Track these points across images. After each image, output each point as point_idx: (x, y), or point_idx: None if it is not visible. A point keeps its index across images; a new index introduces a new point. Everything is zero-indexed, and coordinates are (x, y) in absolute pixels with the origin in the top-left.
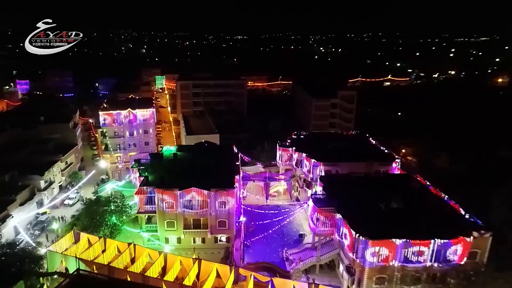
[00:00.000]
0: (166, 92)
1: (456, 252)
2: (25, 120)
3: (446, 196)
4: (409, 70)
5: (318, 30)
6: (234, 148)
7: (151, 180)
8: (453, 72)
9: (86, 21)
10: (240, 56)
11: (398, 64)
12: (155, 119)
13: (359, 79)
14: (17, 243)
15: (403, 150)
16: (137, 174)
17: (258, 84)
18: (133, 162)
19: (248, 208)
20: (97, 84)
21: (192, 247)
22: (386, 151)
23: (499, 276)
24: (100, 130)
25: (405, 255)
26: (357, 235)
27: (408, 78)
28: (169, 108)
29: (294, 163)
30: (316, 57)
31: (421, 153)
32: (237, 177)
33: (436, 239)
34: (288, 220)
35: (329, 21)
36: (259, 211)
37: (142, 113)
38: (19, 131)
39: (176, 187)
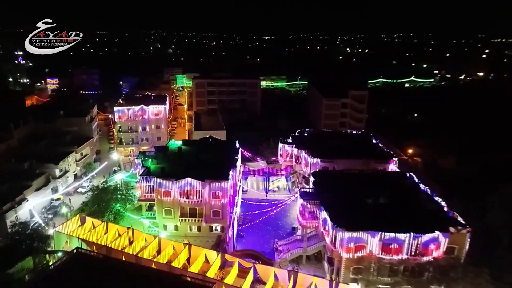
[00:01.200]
0: (186, 90)
1: (432, 246)
2: (47, 114)
3: (434, 194)
4: (435, 72)
5: (347, 30)
6: (237, 143)
7: (152, 171)
8: (481, 74)
9: (118, 22)
10: (263, 56)
11: (425, 65)
12: (167, 115)
13: (380, 80)
14: (31, 224)
15: (410, 151)
16: (140, 165)
17: (277, 84)
18: (138, 154)
19: (242, 200)
20: (121, 82)
21: (187, 234)
22: (386, 150)
23: (470, 271)
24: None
25: (381, 247)
26: (335, 226)
27: (432, 80)
28: (185, 106)
29: (294, 159)
30: (340, 57)
31: (428, 154)
32: (233, 170)
33: (410, 232)
34: (283, 213)
35: (358, 21)
36: (251, 202)
37: (154, 110)
38: (41, 124)
39: (173, 177)
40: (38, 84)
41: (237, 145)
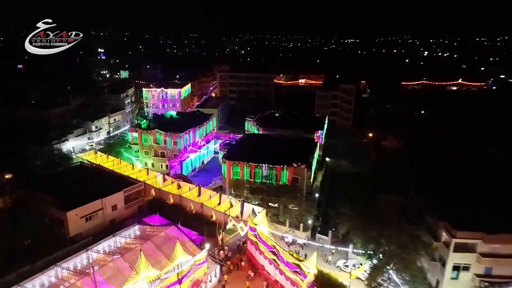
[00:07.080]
0: None
1: (284, 175)
2: (97, 91)
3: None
4: (501, 76)
5: (444, 33)
6: (214, 116)
7: (142, 126)
8: None
9: (205, 26)
10: (326, 57)
11: (492, 69)
12: (182, 96)
13: (422, 82)
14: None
15: (370, 134)
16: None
17: (312, 82)
18: (138, 116)
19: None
20: (177, 75)
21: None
22: (326, 127)
23: (308, 198)
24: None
25: (251, 174)
26: (223, 159)
27: (483, 83)
28: (213, 94)
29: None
30: (407, 60)
31: (378, 138)
32: (192, 129)
33: (265, 164)
34: None
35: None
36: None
37: (171, 92)
38: (91, 97)
39: (148, 129)
40: (116, 76)
41: (212, 117)
